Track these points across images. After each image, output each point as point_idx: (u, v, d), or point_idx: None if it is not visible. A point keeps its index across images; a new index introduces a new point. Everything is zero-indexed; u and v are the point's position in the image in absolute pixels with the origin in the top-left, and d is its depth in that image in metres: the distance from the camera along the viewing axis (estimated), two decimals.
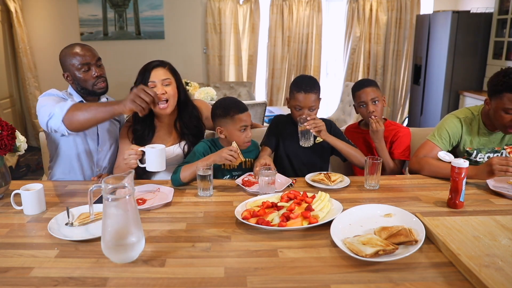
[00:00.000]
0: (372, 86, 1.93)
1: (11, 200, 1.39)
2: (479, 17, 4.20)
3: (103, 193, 1.01)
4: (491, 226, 1.17)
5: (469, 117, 1.81)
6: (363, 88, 1.92)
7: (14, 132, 1.51)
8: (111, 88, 1.93)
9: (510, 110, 1.61)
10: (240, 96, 4.95)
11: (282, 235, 1.19)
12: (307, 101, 1.75)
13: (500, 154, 1.80)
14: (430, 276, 0.98)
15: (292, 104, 1.81)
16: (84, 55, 1.75)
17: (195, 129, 1.88)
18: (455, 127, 1.80)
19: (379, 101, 1.93)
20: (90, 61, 1.77)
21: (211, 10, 5.06)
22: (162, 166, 1.58)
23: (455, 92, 4.34)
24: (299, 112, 1.78)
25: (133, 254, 1.05)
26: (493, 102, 1.67)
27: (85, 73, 1.76)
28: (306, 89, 1.75)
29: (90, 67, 1.77)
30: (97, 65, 1.79)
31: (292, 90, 1.80)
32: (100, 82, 1.80)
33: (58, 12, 4.97)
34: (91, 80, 1.78)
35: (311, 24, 5.22)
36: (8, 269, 1.02)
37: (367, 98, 1.91)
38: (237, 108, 1.70)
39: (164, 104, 1.74)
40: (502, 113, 1.64)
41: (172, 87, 1.76)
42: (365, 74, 5.43)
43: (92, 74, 1.77)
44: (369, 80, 1.99)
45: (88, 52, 1.77)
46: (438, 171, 1.67)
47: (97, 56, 1.81)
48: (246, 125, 1.71)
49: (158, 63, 1.77)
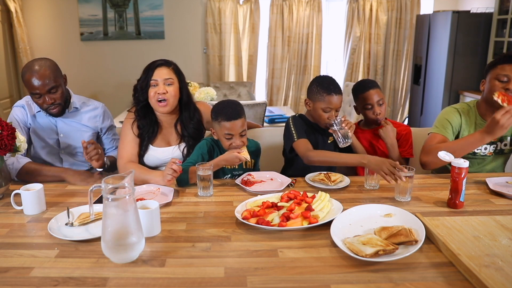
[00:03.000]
0: (377, 87, 1.92)
1: (11, 200, 1.39)
2: (479, 17, 4.20)
3: (103, 193, 1.01)
4: (491, 226, 1.17)
5: (466, 108, 1.85)
6: (368, 90, 1.90)
7: (14, 132, 1.51)
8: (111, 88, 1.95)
9: (502, 76, 1.69)
10: (240, 96, 4.95)
11: (282, 235, 1.19)
12: (338, 102, 1.77)
13: (495, 146, 1.82)
14: (430, 276, 0.98)
15: (319, 106, 1.78)
16: (34, 86, 1.70)
17: (195, 131, 1.87)
18: (454, 117, 1.82)
19: (384, 102, 1.93)
20: (42, 92, 1.71)
21: (211, 10, 5.06)
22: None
23: (455, 92, 4.34)
24: (328, 114, 1.78)
25: (133, 254, 1.05)
26: (488, 77, 1.76)
27: (37, 99, 1.75)
28: (336, 91, 1.76)
29: (41, 95, 1.73)
30: (50, 92, 1.73)
31: (321, 93, 1.77)
32: (53, 108, 1.78)
33: (58, 12, 4.96)
34: (43, 106, 1.78)
35: (311, 24, 5.22)
36: (8, 269, 1.02)
37: (374, 101, 1.90)
38: (225, 115, 1.66)
39: (163, 102, 1.75)
40: (495, 82, 1.71)
41: (174, 88, 1.76)
42: (365, 74, 5.43)
43: (43, 102, 1.75)
44: (373, 82, 1.98)
45: (39, 83, 1.69)
46: (456, 148, 1.64)
47: (51, 85, 1.72)
48: (231, 134, 1.67)
49: (162, 62, 1.78)
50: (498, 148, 1.83)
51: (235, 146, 1.68)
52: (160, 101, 1.74)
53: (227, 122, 1.65)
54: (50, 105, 1.76)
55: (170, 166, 1.54)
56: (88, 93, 4.61)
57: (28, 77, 1.69)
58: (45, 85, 1.71)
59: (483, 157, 1.84)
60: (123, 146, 1.80)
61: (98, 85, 5.03)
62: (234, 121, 1.65)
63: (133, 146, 1.79)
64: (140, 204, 1.22)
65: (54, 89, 1.74)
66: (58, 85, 1.75)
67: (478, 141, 1.60)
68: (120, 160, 1.78)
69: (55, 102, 1.77)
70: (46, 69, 1.71)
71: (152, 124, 1.83)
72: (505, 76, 1.68)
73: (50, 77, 1.72)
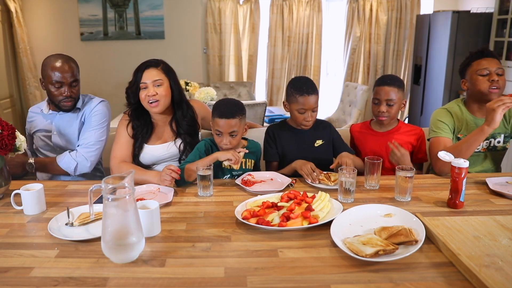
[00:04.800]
0: (394, 86, 1.82)
1: (11, 200, 1.39)
2: (479, 17, 4.20)
3: (103, 193, 1.01)
4: (491, 226, 1.17)
5: (454, 107, 1.89)
6: (383, 86, 1.83)
7: (14, 132, 1.51)
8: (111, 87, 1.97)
9: (483, 70, 1.77)
10: (240, 96, 4.95)
11: (282, 235, 1.19)
12: (310, 103, 1.75)
13: (488, 142, 1.85)
14: (430, 276, 0.98)
15: (294, 108, 1.79)
16: (62, 73, 1.79)
17: (190, 128, 1.88)
18: (446, 116, 1.86)
19: (396, 104, 1.82)
20: (65, 82, 1.81)
21: (211, 10, 5.06)
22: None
23: (455, 92, 4.34)
24: (303, 115, 1.77)
25: (133, 254, 1.05)
26: (467, 76, 1.83)
27: (56, 89, 1.82)
28: (308, 92, 1.75)
29: (62, 85, 1.82)
30: (71, 85, 1.84)
31: (294, 94, 1.77)
32: (67, 101, 1.86)
33: (58, 12, 4.96)
34: (59, 97, 1.84)
35: (311, 24, 5.22)
36: (8, 269, 1.02)
37: (382, 97, 1.82)
38: (219, 112, 1.68)
39: (154, 103, 1.76)
40: (478, 77, 1.77)
41: (164, 88, 1.77)
42: (365, 74, 5.43)
43: (62, 92, 1.83)
44: (394, 79, 1.87)
45: (67, 72, 1.81)
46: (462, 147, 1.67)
47: (75, 78, 1.84)
48: (220, 131, 1.68)
49: (150, 64, 1.78)
50: (492, 145, 1.86)
51: (227, 146, 1.69)
52: (151, 102, 1.76)
53: (219, 119, 1.67)
54: (67, 97, 1.83)
55: (168, 173, 1.55)
56: (88, 93, 4.59)
57: (55, 65, 1.79)
58: (70, 76, 1.82)
59: (477, 154, 1.85)
60: (117, 146, 1.81)
61: (98, 85, 5.02)
62: (225, 119, 1.66)
63: (127, 147, 1.81)
64: (140, 204, 1.22)
65: (75, 82, 1.86)
66: (78, 81, 1.88)
67: (480, 133, 1.63)
68: (113, 160, 1.79)
69: (72, 95, 1.85)
70: (72, 63, 1.84)
71: (146, 124, 1.84)
72: (485, 69, 1.76)
73: (74, 70, 1.84)
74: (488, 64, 1.77)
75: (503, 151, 1.89)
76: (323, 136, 1.89)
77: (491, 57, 1.79)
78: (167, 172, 1.55)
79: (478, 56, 1.80)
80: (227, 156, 1.61)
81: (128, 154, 1.81)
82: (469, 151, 1.66)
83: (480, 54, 1.81)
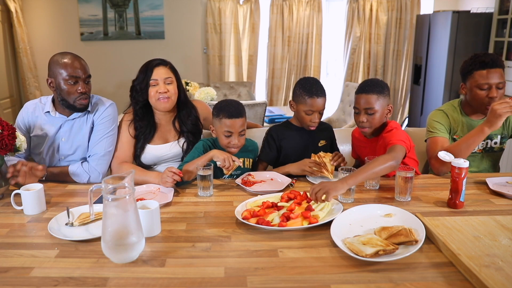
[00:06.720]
0: (373, 93, 1.66)
1: (11, 200, 1.39)
2: (479, 17, 4.20)
3: (103, 193, 1.01)
4: (491, 226, 1.17)
5: (450, 108, 1.88)
6: (361, 93, 1.69)
7: (14, 132, 1.51)
8: (112, 87, 1.95)
9: (483, 85, 1.72)
10: (240, 96, 4.95)
11: (282, 235, 1.19)
12: (319, 105, 1.75)
13: (484, 143, 1.85)
14: (430, 276, 0.98)
15: (301, 108, 1.77)
16: (75, 68, 1.68)
17: (194, 127, 1.90)
18: (442, 117, 1.85)
19: (377, 112, 1.67)
20: (80, 76, 1.69)
21: (211, 10, 5.06)
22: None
23: (455, 92, 4.33)
24: (310, 116, 1.77)
25: (133, 254, 1.05)
26: (468, 84, 1.79)
27: (71, 86, 1.68)
28: (317, 94, 1.74)
29: (77, 81, 1.69)
30: (85, 81, 1.72)
31: (302, 95, 1.75)
32: (83, 99, 1.72)
33: (58, 12, 4.96)
34: (75, 95, 1.70)
35: (311, 24, 5.22)
36: (8, 269, 1.02)
37: (361, 106, 1.68)
38: (227, 112, 1.69)
39: (165, 99, 1.77)
40: (477, 91, 1.74)
41: (173, 86, 1.80)
42: (365, 74, 5.43)
43: (78, 89, 1.69)
44: (374, 85, 1.69)
45: (80, 66, 1.70)
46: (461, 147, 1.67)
47: (88, 73, 1.74)
48: (230, 131, 1.69)
49: (160, 62, 1.80)
50: (488, 146, 1.86)
51: (235, 146, 1.70)
52: (162, 99, 1.77)
53: (228, 120, 1.68)
54: (82, 93, 1.71)
55: (170, 175, 1.55)
56: None
57: (69, 60, 1.68)
58: (86, 70, 1.73)
59: (473, 155, 1.85)
60: (118, 147, 1.81)
61: (98, 85, 5.01)
62: (235, 119, 1.68)
63: (129, 148, 1.81)
64: (140, 204, 1.22)
65: (89, 78, 1.76)
66: (90, 77, 1.77)
67: (480, 134, 1.63)
68: (114, 160, 1.79)
69: (88, 92, 1.74)
70: (82, 59, 1.75)
71: (150, 125, 1.84)
72: (486, 84, 1.71)
73: (86, 66, 1.75)
74: (490, 77, 1.70)
75: (500, 152, 1.89)
76: (325, 137, 1.92)
77: (496, 68, 1.70)
78: (169, 174, 1.55)
79: (482, 66, 1.71)
80: (223, 156, 1.60)
81: (129, 155, 1.81)
82: (468, 151, 1.66)
83: (483, 65, 1.71)
